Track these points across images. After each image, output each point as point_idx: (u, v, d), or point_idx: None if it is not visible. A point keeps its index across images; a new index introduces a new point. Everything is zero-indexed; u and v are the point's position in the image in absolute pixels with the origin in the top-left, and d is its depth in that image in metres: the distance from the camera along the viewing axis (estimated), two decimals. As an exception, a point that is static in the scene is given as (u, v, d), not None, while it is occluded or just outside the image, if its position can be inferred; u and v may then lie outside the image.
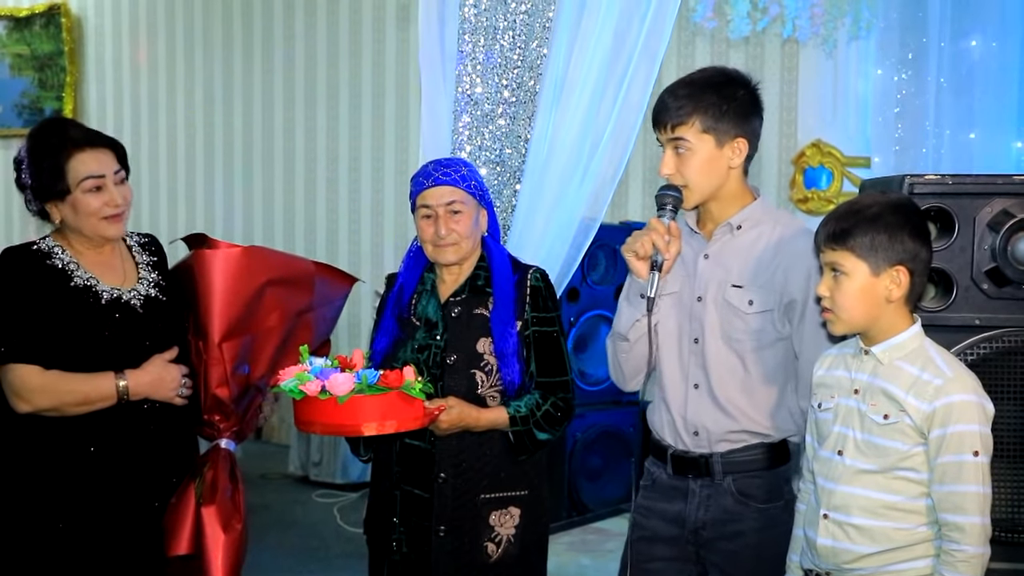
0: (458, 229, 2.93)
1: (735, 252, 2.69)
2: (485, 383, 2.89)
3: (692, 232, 2.75)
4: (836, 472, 2.34)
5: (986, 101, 5.07)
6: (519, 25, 3.82)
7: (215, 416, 3.14)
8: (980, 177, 2.94)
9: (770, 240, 2.67)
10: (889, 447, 2.30)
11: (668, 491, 2.80)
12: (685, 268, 2.72)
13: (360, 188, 7.39)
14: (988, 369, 2.81)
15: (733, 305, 2.65)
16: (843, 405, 2.37)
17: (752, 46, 5.72)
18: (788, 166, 5.65)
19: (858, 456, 2.33)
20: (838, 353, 2.46)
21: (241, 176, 7.97)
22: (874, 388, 2.34)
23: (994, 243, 2.87)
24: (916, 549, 2.32)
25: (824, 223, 2.38)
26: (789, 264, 2.64)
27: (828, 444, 2.38)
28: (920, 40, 5.18)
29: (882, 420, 2.31)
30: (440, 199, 2.93)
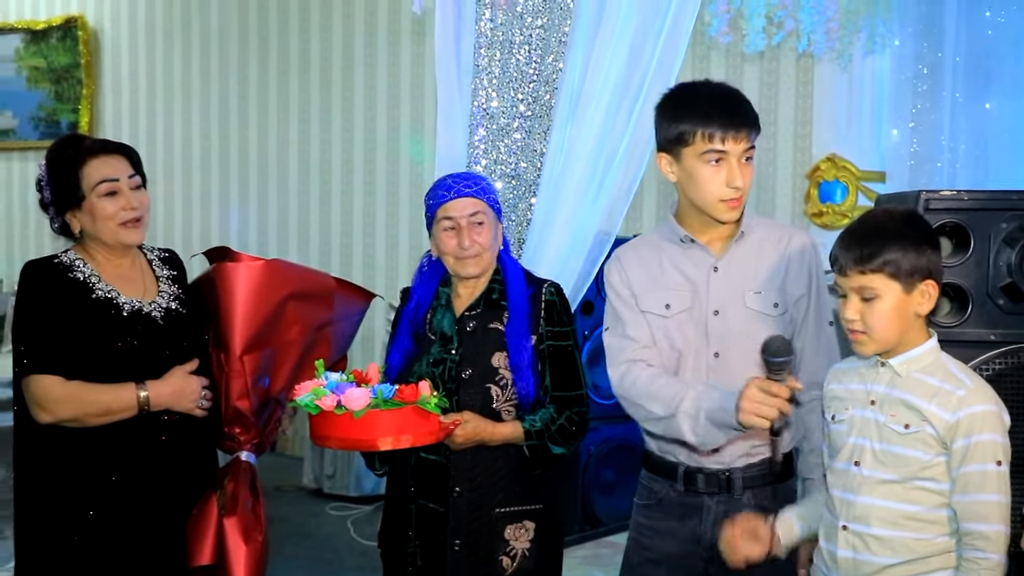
0: (480, 241, 2.94)
1: (745, 260, 2.70)
2: (500, 397, 2.89)
3: (693, 245, 2.73)
4: (854, 483, 2.34)
5: (1002, 117, 5.06)
6: (535, 39, 3.84)
7: (236, 428, 3.16)
8: (996, 193, 2.95)
9: (772, 242, 2.71)
10: (910, 457, 2.30)
11: (678, 509, 2.78)
12: (692, 284, 2.71)
13: (375, 201, 7.41)
14: (1003, 384, 2.82)
15: (759, 311, 2.67)
16: (858, 417, 2.36)
17: (767, 60, 5.72)
18: (803, 180, 5.65)
19: (877, 467, 2.32)
20: (849, 367, 2.46)
21: (256, 189, 8.00)
22: (893, 399, 2.33)
23: (1010, 258, 2.89)
24: (934, 561, 2.32)
25: (846, 247, 2.35)
26: (792, 262, 2.69)
27: (843, 455, 2.37)
28: (935, 55, 5.17)
29: (903, 430, 2.30)
30: (463, 211, 2.94)
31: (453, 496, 2.90)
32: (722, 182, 2.63)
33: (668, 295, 2.71)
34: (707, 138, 2.62)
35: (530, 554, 2.92)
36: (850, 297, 2.33)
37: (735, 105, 2.67)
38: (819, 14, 5.00)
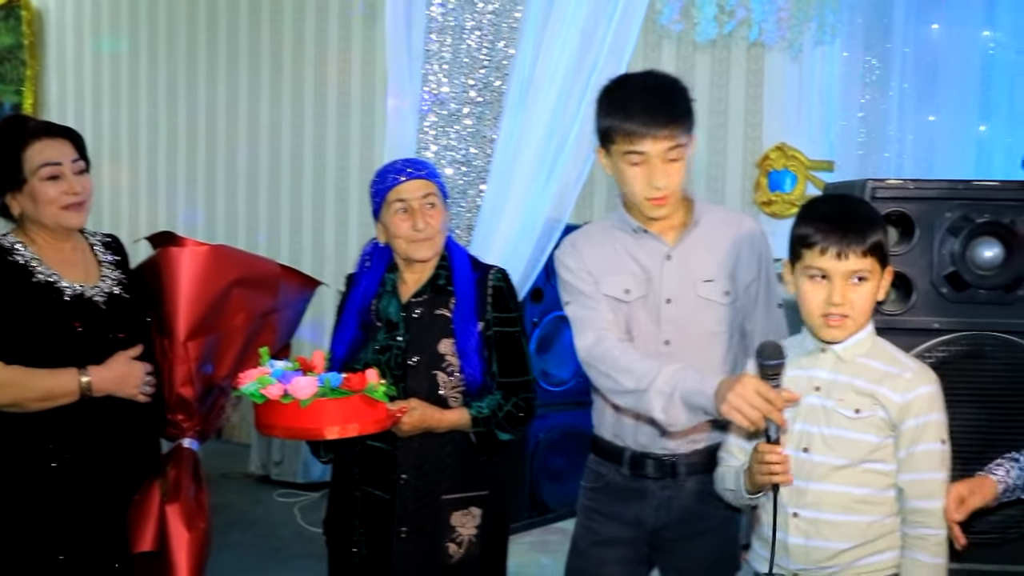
0: (433, 223, 2.92)
1: (697, 248, 2.70)
2: (447, 384, 2.88)
3: (646, 235, 2.72)
4: (804, 470, 2.34)
5: (948, 107, 5.12)
6: (486, 25, 3.83)
7: (178, 415, 3.13)
8: (941, 182, 2.97)
9: (723, 229, 2.72)
10: (860, 440, 2.32)
11: (623, 492, 2.80)
12: (646, 272, 2.71)
13: (325, 188, 7.36)
14: (946, 372, 2.83)
15: (710, 300, 2.68)
16: (803, 403, 2.36)
17: (719, 49, 5.74)
18: (752, 169, 5.67)
19: (827, 452, 2.33)
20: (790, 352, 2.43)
21: (204, 174, 7.92)
22: (840, 384, 2.35)
23: (953, 248, 2.91)
24: (881, 542, 2.35)
25: (837, 230, 2.30)
26: (743, 248, 2.70)
27: (789, 443, 2.37)
28: (884, 46, 5.23)
29: (853, 414, 2.32)
30: (416, 192, 2.92)
31: (399, 483, 2.88)
32: (645, 182, 2.61)
33: (626, 280, 2.71)
34: (627, 138, 2.60)
35: (477, 540, 2.92)
36: (836, 281, 2.30)
37: (656, 102, 2.62)
38: (770, 4, 5.02)
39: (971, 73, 4.97)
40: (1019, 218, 2.91)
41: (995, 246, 2.92)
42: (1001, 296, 2.93)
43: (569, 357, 5.23)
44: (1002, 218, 2.90)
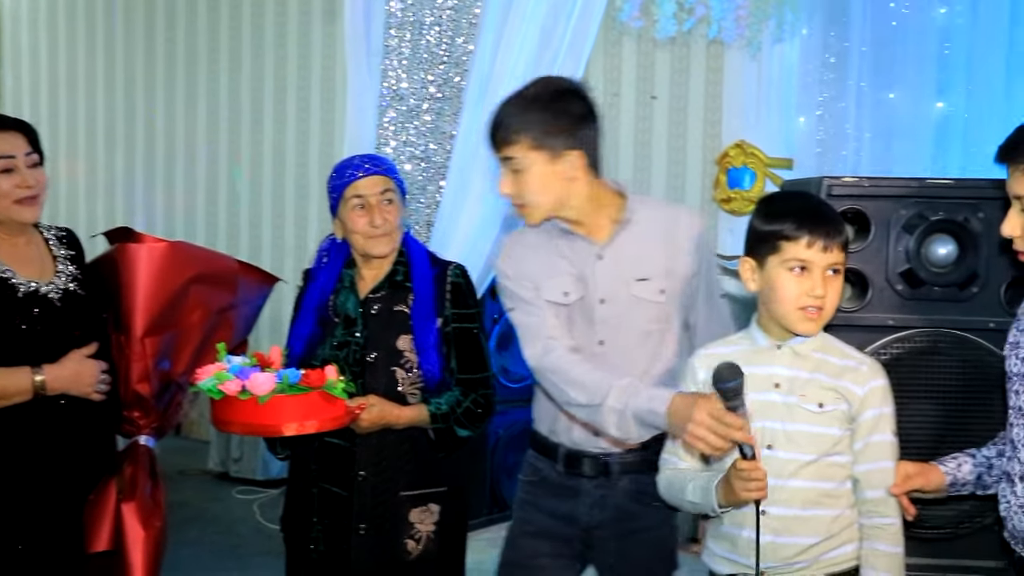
0: (391, 219, 2.92)
1: (630, 246, 2.67)
2: (405, 380, 2.87)
3: (576, 236, 2.69)
4: (770, 467, 2.31)
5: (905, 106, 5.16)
6: (445, 20, 3.82)
7: (135, 412, 3.10)
8: (896, 180, 3.00)
9: (658, 225, 2.68)
10: (825, 434, 2.33)
11: (558, 489, 2.80)
12: (579, 272, 2.68)
13: (284, 182, 7.32)
14: (901, 369, 2.87)
15: (644, 299, 2.66)
16: (761, 400, 2.35)
17: (678, 46, 5.76)
18: (712, 166, 5.70)
19: (792, 448, 2.33)
20: (730, 350, 2.42)
21: (163, 169, 7.85)
22: (802, 380, 2.35)
23: (908, 245, 2.93)
24: (844, 535, 2.37)
25: (823, 223, 2.31)
26: (681, 243, 2.67)
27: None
28: (842, 44, 5.26)
29: (817, 409, 2.33)
30: (374, 188, 2.92)
31: (357, 480, 2.87)
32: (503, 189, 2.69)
33: (564, 282, 2.69)
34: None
35: (435, 537, 2.91)
36: (817, 273, 2.30)
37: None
38: (729, 2, 5.04)
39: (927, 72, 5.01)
40: (973, 216, 2.93)
41: (949, 244, 2.94)
42: (955, 293, 2.95)
43: (529, 353, 5.24)
44: (956, 216, 2.93)
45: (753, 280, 2.37)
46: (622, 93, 5.97)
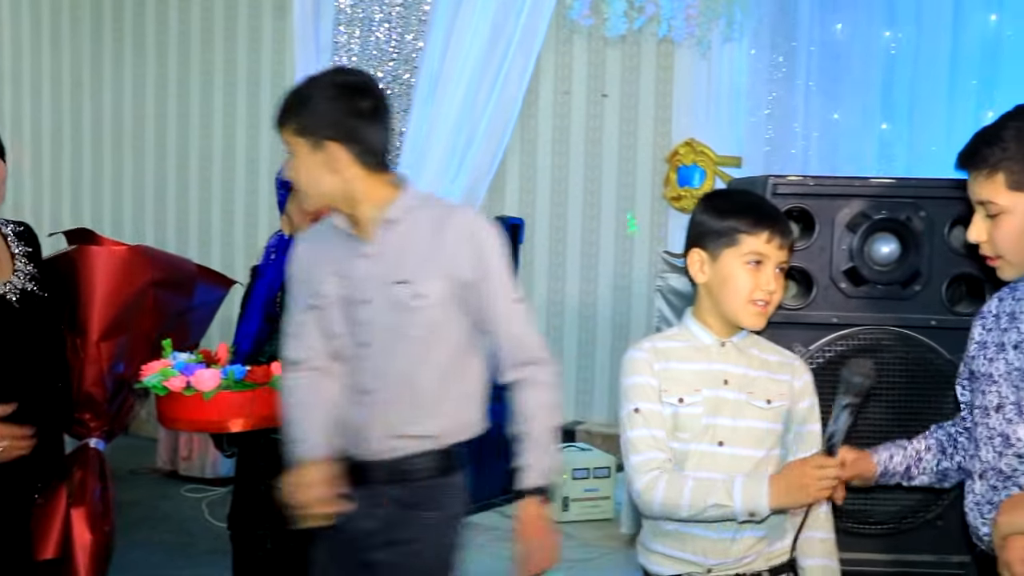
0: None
1: (394, 247, 2.53)
2: None
3: (347, 234, 2.58)
4: (722, 463, 2.32)
5: (852, 105, 5.22)
6: (395, 17, 3.82)
7: (86, 414, 3.07)
8: (839, 179, 3.04)
9: (429, 226, 2.53)
10: (771, 430, 2.34)
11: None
12: (343, 271, 2.57)
13: (234, 179, 7.27)
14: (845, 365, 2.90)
15: (403, 302, 2.51)
16: (713, 396, 2.34)
17: (628, 45, 5.79)
18: (662, 164, 5.73)
19: (743, 444, 2.33)
20: (676, 345, 2.40)
21: (111, 166, 7.78)
22: (749, 376, 2.36)
23: (852, 243, 2.97)
24: (783, 527, 2.37)
25: (782, 222, 2.35)
26: (456, 245, 2.51)
27: (701, 437, 2.34)
28: (790, 44, 5.32)
29: (765, 405, 2.33)
30: None
31: None
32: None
33: (328, 282, 2.57)
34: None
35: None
36: (770, 268, 2.31)
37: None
38: (679, 1, 5.07)
39: (873, 72, 5.07)
40: (915, 215, 2.97)
41: (892, 242, 2.99)
42: (897, 291, 2.99)
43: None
44: (898, 215, 2.97)
45: (703, 272, 2.37)
46: (573, 91, 5.99)
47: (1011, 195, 2.11)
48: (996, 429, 2.19)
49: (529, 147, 6.11)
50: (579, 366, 6.08)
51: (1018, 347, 2.18)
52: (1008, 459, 2.17)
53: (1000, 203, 2.12)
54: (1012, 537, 1.78)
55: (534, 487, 2.53)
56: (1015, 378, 2.17)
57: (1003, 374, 2.20)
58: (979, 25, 4.74)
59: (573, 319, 6.07)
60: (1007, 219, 2.12)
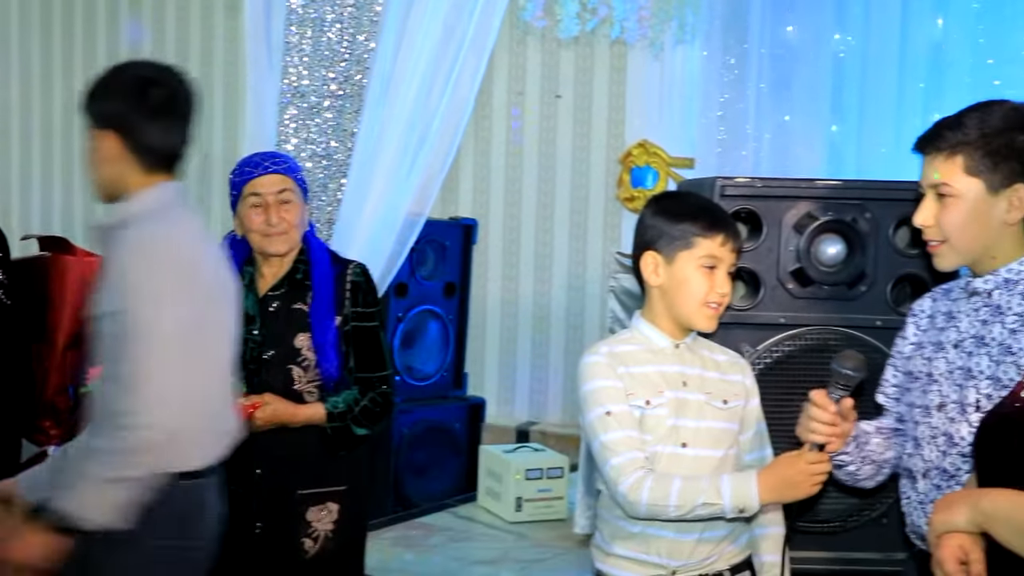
0: (288, 218, 2.89)
1: (113, 259, 2.37)
2: (302, 378, 2.86)
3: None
4: (685, 465, 2.33)
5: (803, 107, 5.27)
6: (347, 18, 3.81)
7: (47, 422, 3.06)
8: (786, 180, 3.07)
9: (132, 242, 2.34)
10: (728, 429, 2.36)
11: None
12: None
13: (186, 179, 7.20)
14: (792, 365, 2.94)
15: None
16: (675, 398, 2.35)
17: (582, 46, 5.80)
18: (615, 165, 5.75)
19: (705, 445, 2.34)
20: (634, 348, 2.41)
21: (61, 166, 7.69)
22: (705, 377, 2.37)
23: (799, 244, 3.00)
24: (740, 526, 2.39)
25: (730, 224, 2.38)
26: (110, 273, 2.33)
27: (667, 439, 2.34)
28: (742, 47, 5.35)
29: (723, 405, 2.36)
30: (271, 187, 2.90)
31: (254, 478, 2.86)
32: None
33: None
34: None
35: (333, 536, 2.90)
36: (723, 271, 2.33)
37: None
38: (631, 2, 5.10)
39: (823, 75, 5.11)
40: (860, 216, 3.01)
41: (838, 243, 3.02)
42: (843, 292, 3.03)
43: (434, 352, 5.25)
44: (844, 216, 3.00)
45: (657, 274, 2.37)
46: (527, 92, 6.00)
47: (966, 179, 2.14)
48: (939, 428, 2.21)
49: (483, 148, 6.11)
50: (533, 366, 6.09)
51: (958, 346, 2.21)
52: (952, 458, 2.19)
53: (955, 185, 2.15)
54: (946, 535, 1.80)
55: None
56: (957, 377, 2.20)
57: (943, 373, 2.23)
58: (926, 29, 4.80)
59: (527, 319, 6.08)
60: (957, 203, 2.16)
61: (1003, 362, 2.13)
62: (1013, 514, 1.70)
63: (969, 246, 2.18)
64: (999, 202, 2.14)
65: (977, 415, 2.12)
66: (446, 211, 5.88)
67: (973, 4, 4.67)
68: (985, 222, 2.15)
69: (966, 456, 2.16)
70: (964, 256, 2.20)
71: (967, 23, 4.69)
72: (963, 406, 2.17)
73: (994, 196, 2.14)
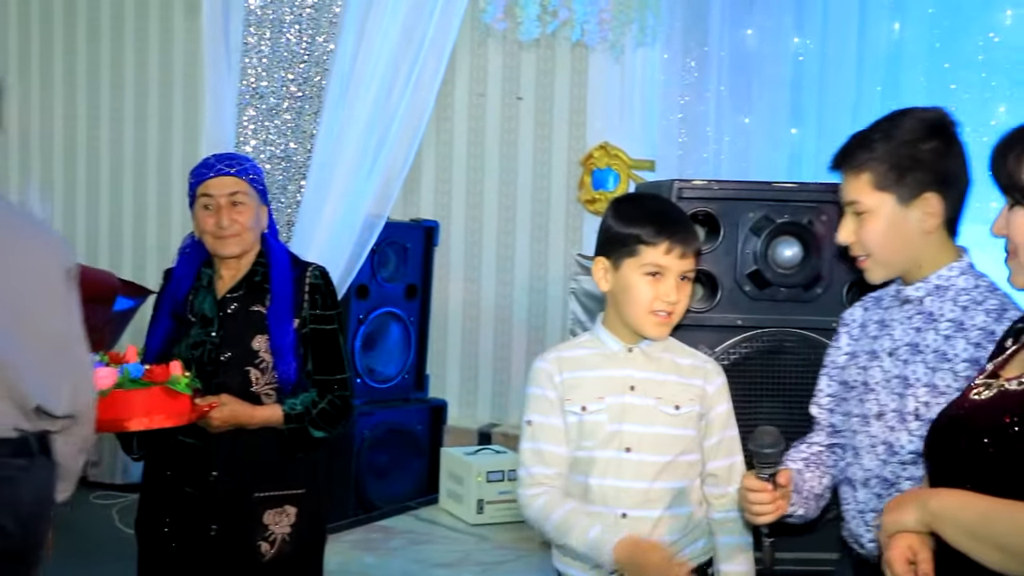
0: (241, 220, 2.89)
1: None
2: (260, 380, 2.85)
3: None
4: (628, 470, 2.34)
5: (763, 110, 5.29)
6: (305, 19, 3.81)
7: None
8: (744, 183, 3.09)
9: None
10: (681, 435, 2.36)
11: None
12: None
13: (146, 182, 7.15)
14: (749, 367, 2.96)
15: None
16: (618, 403, 2.36)
17: (543, 48, 5.80)
18: (577, 167, 5.76)
19: (652, 450, 2.35)
20: (584, 353, 2.43)
21: (17, 164, 7.61)
22: (656, 382, 2.37)
23: (756, 247, 3.02)
24: (696, 531, 2.40)
25: (683, 230, 2.35)
26: None
27: (607, 444, 2.36)
28: (702, 49, 5.37)
29: (674, 411, 2.35)
30: (222, 189, 2.89)
31: (210, 480, 2.84)
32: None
33: None
34: None
35: (290, 539, 2.89)
36: (671, 279, 2.31)
37: None
38: (592, 5, 5.10)
39: (783, 78, 5.14)
40: (816, 219, 3.03)
41: (794, 246, 3.04)
42: (800, 294, 3.05)
43: (395, 355, 5.23)
44: (801, 219, 3.02)
45: (606, 280, 2.37)
46: (488, 93, 6.00)
47: (876, 194, 2.17)
48: (879, 437, 2.22)
49: (444, 150, 6.10)
50: (495, 368, 6.08)
51: (893, 354, 2.22)
52: (892, 466, 2.20)
53: (865, 202, 2.17)
54: (895, 536, 1.82)
55: None
56: (895, 385, 2.21)
57: (880, 382, 2.24)
58: (883, 33, 4.83)
59: (489, 321, 6.07)
60: (872, 218, 2.18)
61: (939, 369, 2.14)
62: (959, 514, 1.72)
63: (893, 258, 2.20)
64: (912, 213, 2.16)
65: (917, 423, 2.14)
66: (407, 213, 5.87)
67: (929, 8, 4.71)
68: (903, 234, 2.17)
69: (906, 464, 2.17)
70: (891, 268, 2.22)
71: (923, 27, 4.73)
72: (902, 414, 2.18)
73: (906, 208, 2.16)
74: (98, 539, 5.39)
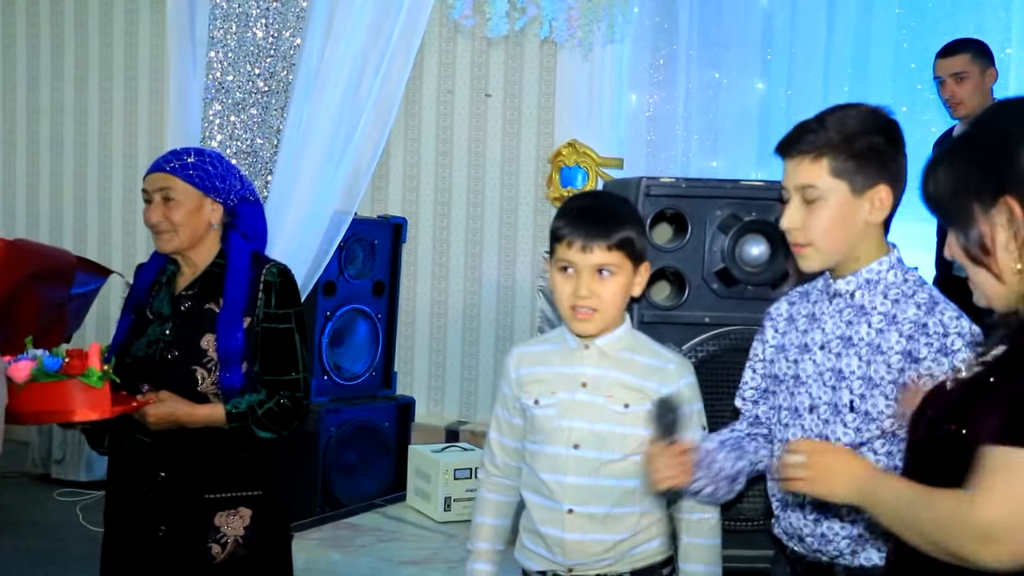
0: (173, 218, 2.80)
1: None
2: (207, 380, 2.77)
3: None
4: (574, 466, 2.35)
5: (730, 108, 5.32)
6: (272, 13, 3.78)
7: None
8: (711, 181, 3.09)
9: None
10: (630, 434, 2.35)
11: None
12: None
13: (110, 176, 7.09)
14: (717, 365, 2.96)
15: None
16: (569, 399, 2.37)
17: (511, 45, 5.80)
18: (545, 164, 5.76)
19: (599, 447, 2.35)
20: (544, 349, 2.45)
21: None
22: (608, 379, 2.37)
23: (723, 245, 3.03)
24: (652, 530, 2.40)
25: (583, 223, 2.34)
26: None
27: (555, 439, 2.37)
28: (671, 47, 5.39)
29: (623, 409, 2.35)
30: (153, 185, 2.85)
31: (158, 479, 2.79)
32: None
33: None
34: None
35: (244, 541, 2.81)
36: (582, 274, 2.31)
37: None
38: (560, 2, 5.08)
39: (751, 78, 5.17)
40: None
41: (761, 244, 3.05)
42: (767, 292, 3.06)
43: (363, 352, 5.21)
44: (768, 217, 3.03)
45: (548, 279, 2.42)
46: (456, 90, 5.99)
47: (832, 181, 2.17)
48: (812, 430, 2.23)
49: (413, 147, 6.09)
50: (463, 366, 6.08)
51: (824, 347, 2.24)
52: None
53: (820, 187, 2.17)
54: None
55: None
56: (828, 378, 2.22)
57: (811, 375, 2.25)
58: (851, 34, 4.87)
59: (457, 319, 6.06)
60: (823, 205, 2.18)
61: (873, 361, 2.17)
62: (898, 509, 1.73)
63: (835, 247, 2.20)
64: (863, 203, 2.17)
65: (852, 415, 2.17)
66: (375, 209, 5.85)
67: (896, 9, 4.75)
68: (850, 223, 2.18)
69: None
70: (829, 258, 2.22)
71: (889, 28, 4.77)
72: (837, 407, 2.20)
73: (858, 197, 2.17)
74: (62, 537, 5.34)
